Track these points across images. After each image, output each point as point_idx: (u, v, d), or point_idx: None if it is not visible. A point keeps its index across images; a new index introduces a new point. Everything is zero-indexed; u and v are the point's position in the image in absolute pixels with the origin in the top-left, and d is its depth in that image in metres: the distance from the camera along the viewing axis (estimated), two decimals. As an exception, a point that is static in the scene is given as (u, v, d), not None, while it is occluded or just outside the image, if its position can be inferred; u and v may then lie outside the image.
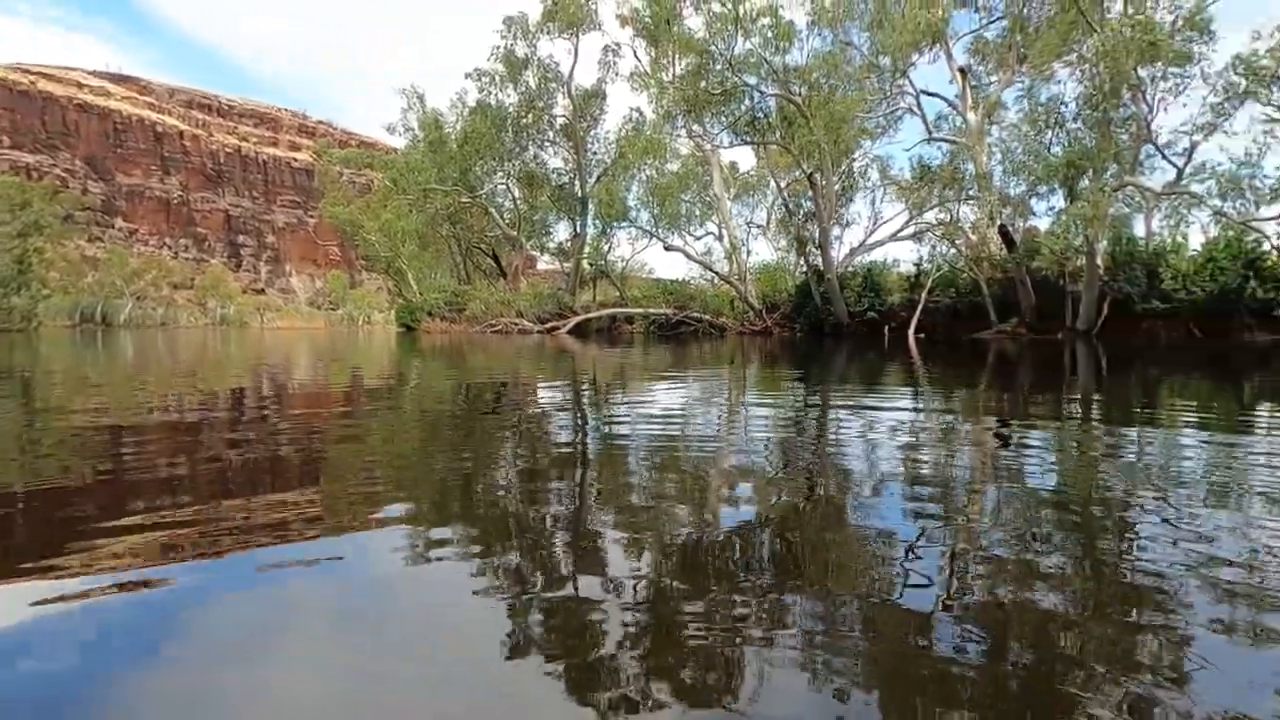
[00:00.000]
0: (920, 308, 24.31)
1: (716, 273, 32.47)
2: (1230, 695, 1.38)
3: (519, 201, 37.46)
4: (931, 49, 23.98)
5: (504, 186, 37.61)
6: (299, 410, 5.79)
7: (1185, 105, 22.04)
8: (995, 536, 2.54)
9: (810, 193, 26.94)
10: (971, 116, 24.07)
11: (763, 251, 79.14)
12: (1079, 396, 7.22)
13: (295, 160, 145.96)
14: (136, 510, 2.55)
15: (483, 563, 2.08)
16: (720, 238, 32.95)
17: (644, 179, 30.87)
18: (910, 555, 2.30)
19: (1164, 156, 19.71)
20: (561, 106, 34.85)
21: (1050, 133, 21.01)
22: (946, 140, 25.06)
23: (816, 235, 27.62)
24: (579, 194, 34.97)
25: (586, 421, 5.31)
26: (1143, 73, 18.18)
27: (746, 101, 26.47)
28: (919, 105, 25.37)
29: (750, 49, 24.75)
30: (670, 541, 2.35)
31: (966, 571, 2.16)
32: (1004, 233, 22.57)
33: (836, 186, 27.50)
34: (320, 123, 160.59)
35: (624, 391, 7.64)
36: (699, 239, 33.68)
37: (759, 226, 35.76)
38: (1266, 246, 18.87)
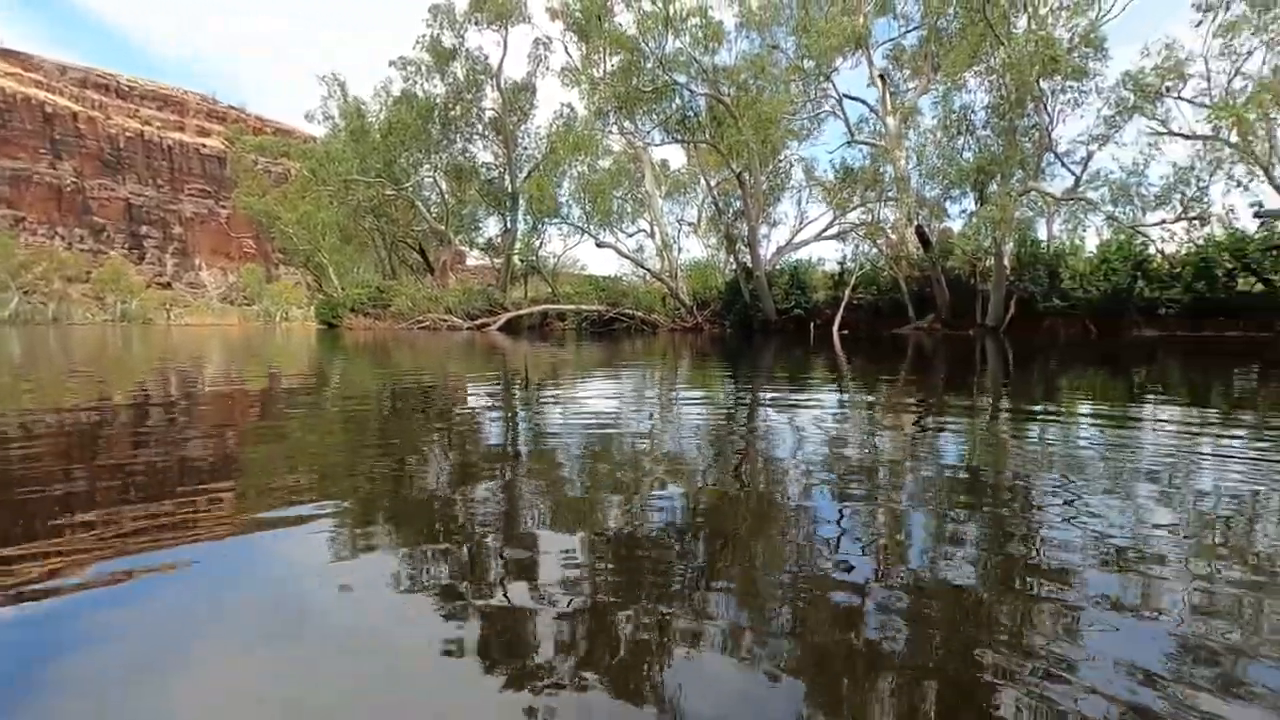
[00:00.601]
0: (844, 305, 25.17)
1: (648, 270, 32.68)
2: (1119, 655, 1.52)
3: (447, 195, 36.64)
4: (854, 54, 24.82)
5: (431, 179, 36.68)
6: (210, 410, 5.49)
7: (1082, 117, 23.74)
8: (915, 520, 2.70)
9: (739, 191, 27.47)
10: (891, 121, 25.08)
11: (694, 249, 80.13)
12: (988, 388, 7.66)
13: (204, 147, 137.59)
14: (26, 520, 2.38)
15: (410, 563, 2.05)
16: (652, 235, 33.20)
17: (575, 175, 30.72)
18: (835, 541, 2.40)
19: (1063, 164, 21.13)
20: (491, 99, 34.31)
21: (962, 139, 22.12)
22: (867, 143, 26.02)
23: (745, 233, 28.20)
24: (509, 189, 34.51)
25: (518, 418, 5.26)
26: (1044, 85, 19.37)
27: (677, 100, 26.72)
28: (842, 108, 26.25)
29: (680, 48, 25.00)
30: (601, 535, 2.37)
31: (888, 554, 2.28)
32: (921, 233, 23.64)
33: (764, 186, 28.15)
34: (231, 108, 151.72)
35: (557, 388, 7.60)
36: (631, 236, 33.83)
37: (690, 224, 36.23)
38: (1152, 249, 20.49)
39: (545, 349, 16.34)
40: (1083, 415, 5.72)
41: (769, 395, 6.89)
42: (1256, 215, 19.47)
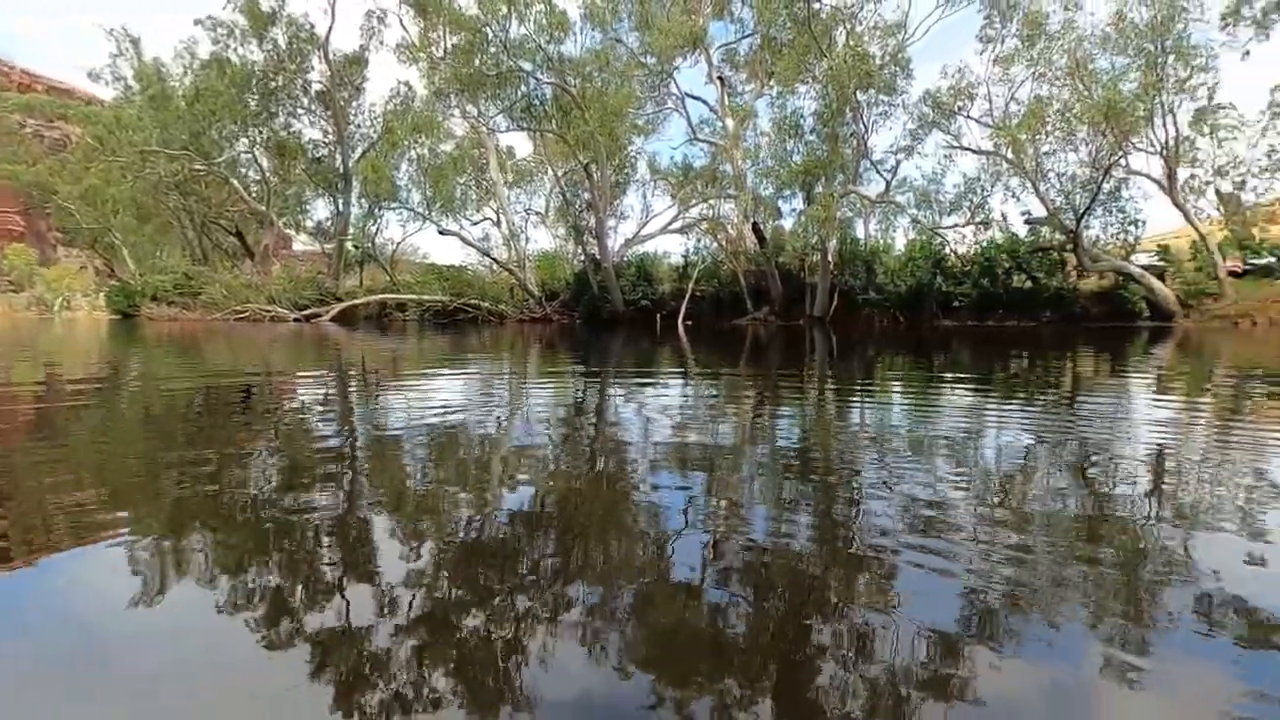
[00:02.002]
0: (688, 297, 26.16)
1: (495, 259, 31.91)
2: (928, 612, 1.73)
3: (269, 173, 33.36)
4: (693, 54, 25.75)
5: (249, 155, 33.21)
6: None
7: (891, 129, 26.28)
8: (753, 498, 2.89)
9: (587, 183, 27.59)
10: (729, 121, 26.35)
11: (542, 239, 79.36)
12: (816, 373, 8.33)
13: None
14: None
15: (231, 577, 1.86)
16: (498, 223, 32.43)
17: (415, 158, 29.22)
18: (680, 522, 2.50)
19: (877, 170, 23.39)
20: (318, 71, 31.63)
21: (792, 142, 23.74)
22: (707, 141, 27.16)
23: (593, 225, 28.39)
24: (340, 169, 32.11)
25: (355, 415, 4.94)
26: (861, 97, 21.27)
27: (523, 87, 26.25)
28: (684, 106, 27.16)
29: (527, 34, 24.55)
30: (446, 533, 2.29)
31: (730, 532, 2.42)
32: (756, 230, 25.12)
33: (611, 179, 28.48)
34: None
35: (398, 381, 7.23)
36: (476, 224, 32.84)
37: (538, 214, 35.77)
38: (948, 250, 23.27)
39: (384, 341, 15.46)
40: (895, 395, 6.42)
41: (618, 385, 7.02)
42: (1026, 222, 22.80)
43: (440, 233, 30.48)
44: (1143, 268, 20.97)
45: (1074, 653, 1.60)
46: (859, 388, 7.10)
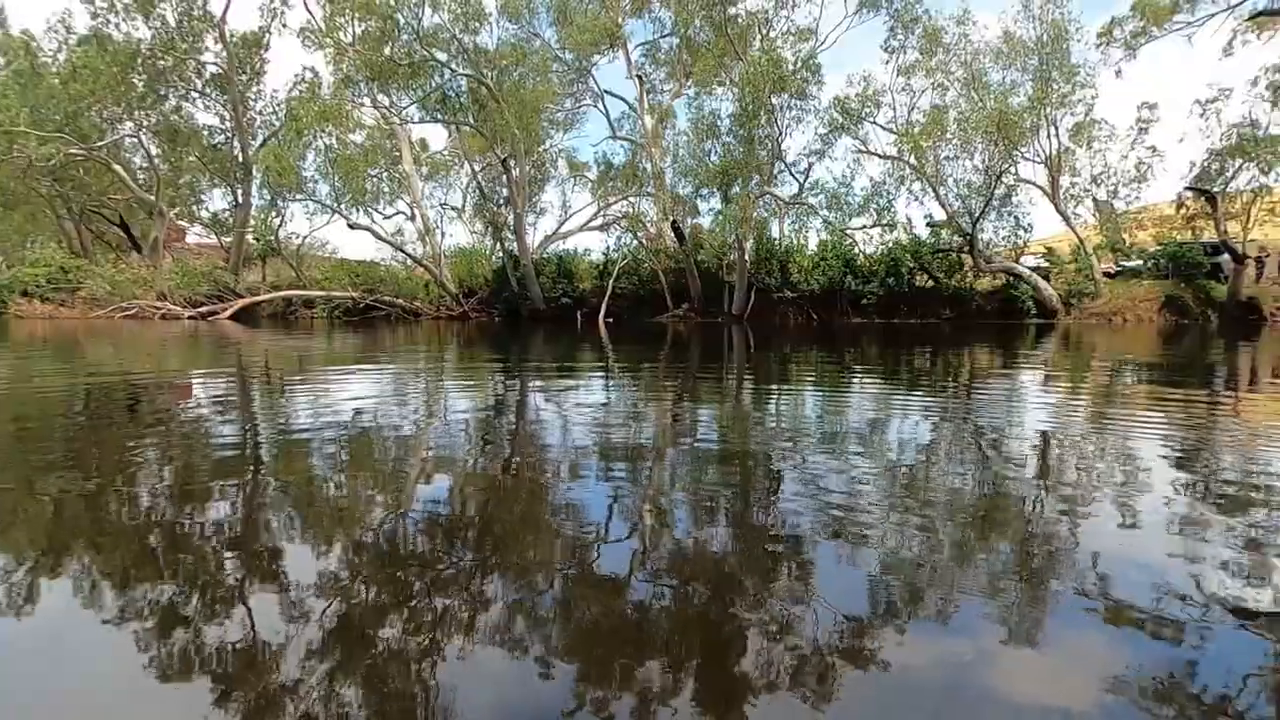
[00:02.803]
0: (609, 294, 26.17)
1: (409, 255, 30.87)
2: (842, 593, 1.80)
3: (158, 160, 31.01)
4: (612, 51, 25.76)
5: (135, 140, 30.75)
6: None
7: (804, 132, 27.13)
8: (674, 490, 2.93)
9: (504, 178, 27.12)
10: (648, 120, 26.51)
11: (459, 235, 77.40)
12: (734, 368, 8.51)
13: None
14: None
15: (120, 599, 1.72)
16: (413, 218, 31.33)
17: (321, 148, 27.86)
18: (602, 519, 2.50)
19: (790, 173, 24.10)
20: (214, 53, 29.64)
21: (710, 142, 24.13)
22: (627, 139, 27.26)
23: (512, 221, 27.95)
24: (240, 158, 30.24)
25: (258, 420, 4.68)
26: (775, 100, 21.86)
27: (438, 78, 25.48)
28: (603, 103, 27.15)
29: (441, 24, 23.86)
30: (357, 537, 2.20)
31: (653, 527, 2.44)
32: (675, 228, 25.40)
33: (530, 174, 28.11)
34: None
35: (306, 383, 6.89)
36: (389, 218, 31.60)
37: (454, 209, 34.85)
38: (857, 250, 24.28)
39: (290, 340, 14.71)
40: (808, 389, 6.65)
41: (539, 382, 6.94)
42: (928, 225, 24.09)
43: (350, 226, 29.18)
44: (1030, 269, 22.57)
45: (973, 626, 1.72)
46: (776, 381, 7.32)
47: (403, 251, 30.82)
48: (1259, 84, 20.37)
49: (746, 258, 24.05)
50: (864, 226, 23.54)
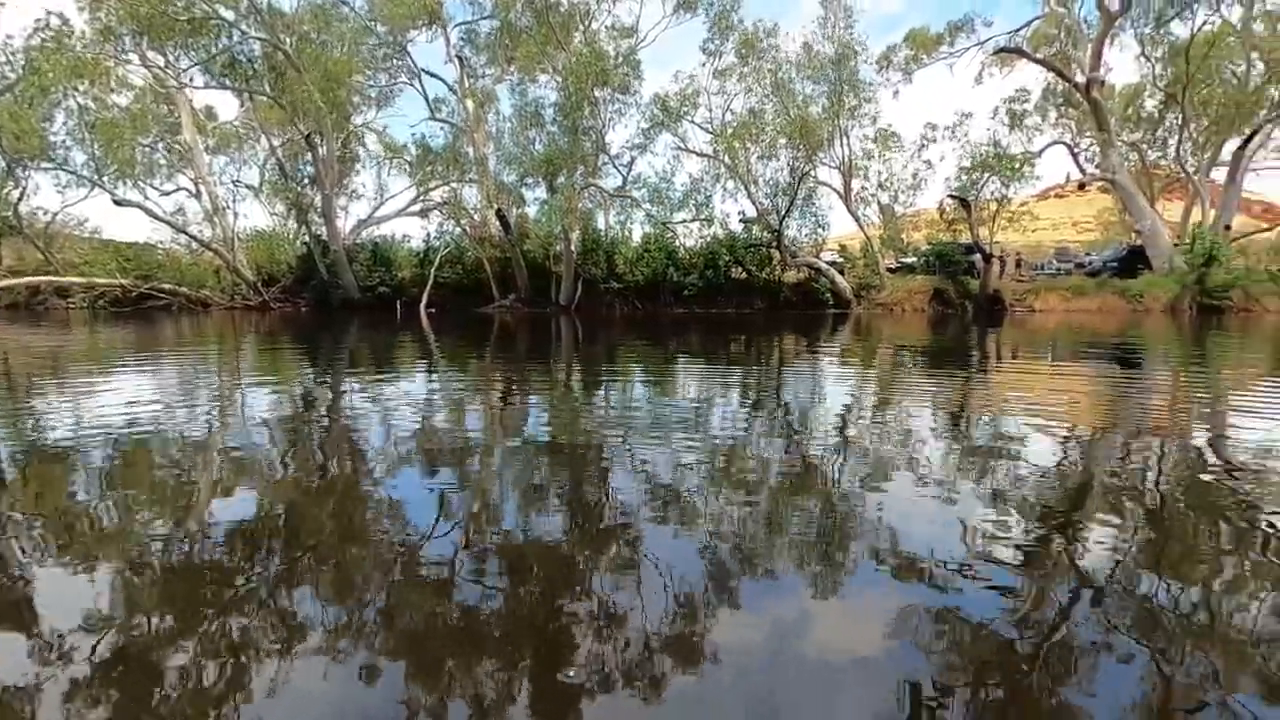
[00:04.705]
0: (430, 283, 25.02)
1: (194, 237, 27.25)
2: (670, 573, 1.84)
3: None
4: (430, 28, 24.53)
5: None
6: None
7: (627, 127, 27.71)
8: (504, 490, 2.84)
9: (310, 156, 24.82)
10: (470, 104, 25.59)
11: (256, 216, 69.63)
12: (563, 360, 8.51)
13: None
14: None
15: None
16: (198, 195, 27.66)
17: (75, 108, 23.67)
18: (428, 521, 2.36)
19: (614, 166, 24.53)
20: (-85, -19, 23.92)
21: (534, 131, 23.85)
22: (447, 122, 26.14)
23: (319, 203, 25.70)
24: (-41, 114, 24.74)
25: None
26: (598, 93, 22.09)
27: (225, 38, 22.61)
28: (420, 83, 25.78)
29: (227, -24, 21.18)
30: (138, 560, 1.89)
31: (482, 528, 2.35)
32: (500, 216, 24.84)
33: (339, 152, 25.99)
34: None
35: (64, 385, 5.83)
36: (168, 195, 27.69)
37: (249, 187, 31.19)
38: (678, 243, 25.34)
39: (38, 335, 12.39)
40: (636, 377, 6.82)
41: (354, 379, 6.45)
42: (741, 221, 25.75)
43: (116, 203, 25.09)
44: (828, 263, 24.96)
45: (788, 592, 1.86)
46: (605, 371, 7.42)
47: (185, 233, 27.13)
48: (998, 113, 24.18)
49: (573, 249, 24.15)
50: (684, 221, 24.61)
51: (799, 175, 23.47)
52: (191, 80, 24.34)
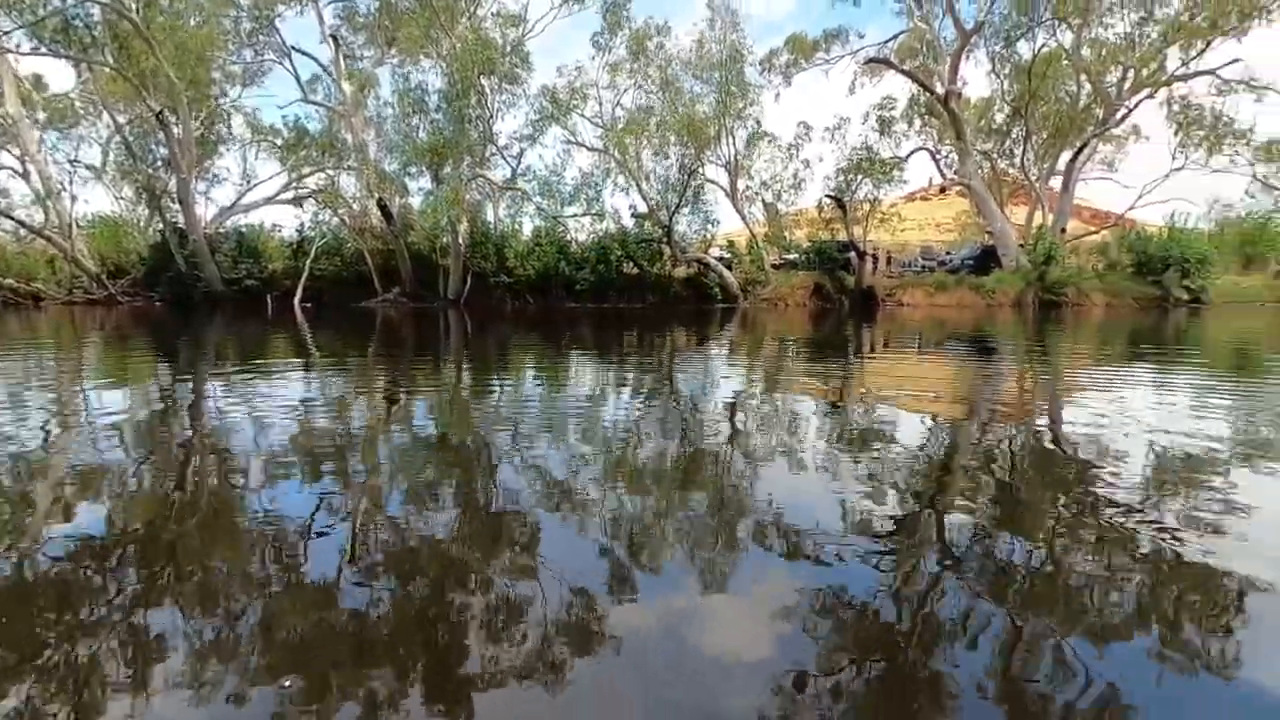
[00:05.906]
0: (305, 276, 23.51)
1: (21, 223, 24.15)
2: (565, 569, 1.81)
3: None
4: (299, 4, 22.98)
5: None
6: None
7: (516, 117, 27.21)
8: (393, 493, 2.70)
9: (162, 135, 22.59)
10: (347, 86, 24.21)
11: (99, 200, 62.42)
12: (451, 357, 8.24)
13: None
14: None
15: None
16: (25, 175, 24.51)
17: None
18: (312, 529, 2.21)
19: (503, 157, 24.01)
20: None
21: (417, 118, 22.90)
22: (321, 105, 24.62)
23: (175, 188, 23.46)
24: None
25: None
26: (485, 82, 21.53)
27: (57, 1, 20.11)
28: (291, 62, 24.10)
29: (55, -70, 18.84)
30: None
31: (369, 532, 2.22)
32: (382, 206, 23.70)
33: (197, 133, 23.82)
34: None
35: None
36: (-15, 174, 24.34)
37: (90, 168, 27.93)
38: (570, 237, 25.20)
39: None
40: (527, 373, 6.71)
41: (220, 380, 5.94)
42: (632, 216, 25.94)
43: (-82, 181, 21.80)
44: (717, 259, 25.67)
45: (682, 582, 1.89)
46: (495, 367, 7.26)
47: (10, 218, 23.99)
48: (869, 118, 25.78)
49: (461, 241, 23.45)
50: (576, 215, 24.52)
51: (688, 172, 23.95)
52: (18, 46, 21.46)
